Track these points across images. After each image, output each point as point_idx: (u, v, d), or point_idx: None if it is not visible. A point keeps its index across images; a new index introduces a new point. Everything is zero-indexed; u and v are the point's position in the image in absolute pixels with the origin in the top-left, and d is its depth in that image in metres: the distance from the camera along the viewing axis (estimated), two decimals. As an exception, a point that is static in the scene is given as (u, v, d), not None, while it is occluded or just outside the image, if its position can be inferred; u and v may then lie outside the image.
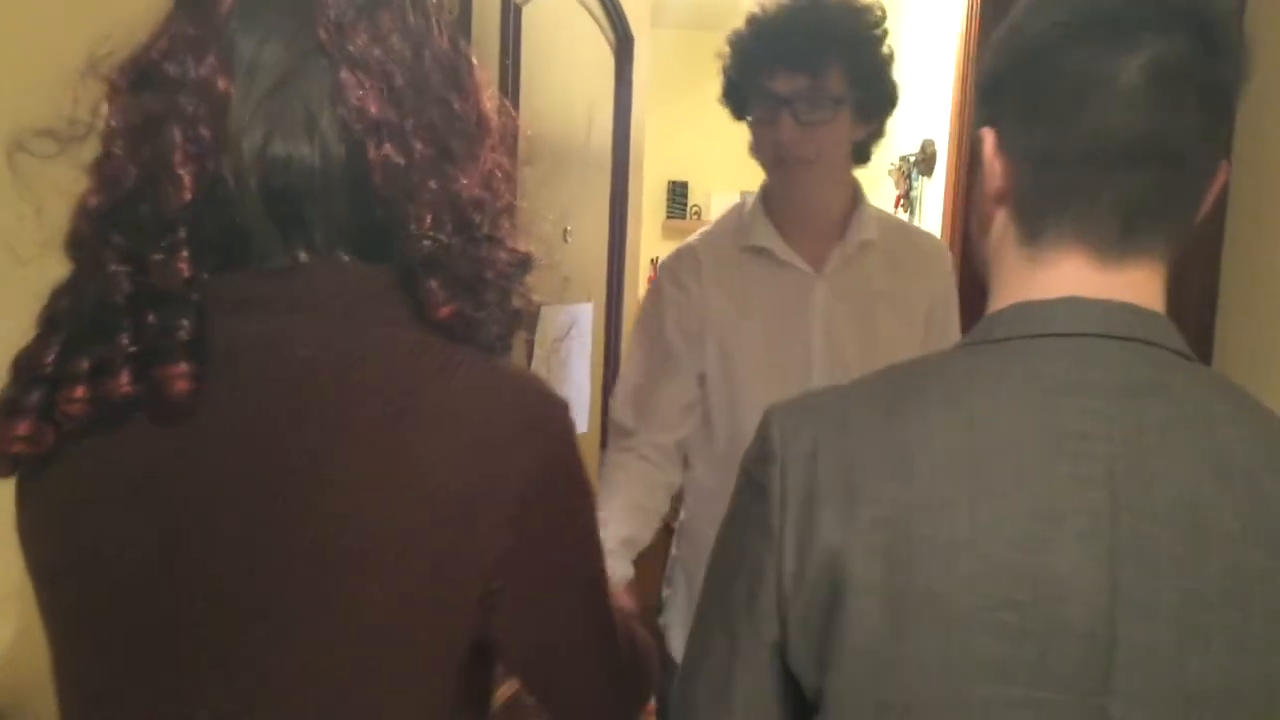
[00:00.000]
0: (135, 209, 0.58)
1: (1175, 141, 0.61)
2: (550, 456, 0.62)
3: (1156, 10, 0.60)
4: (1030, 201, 0.66)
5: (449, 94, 0.64)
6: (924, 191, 2.96)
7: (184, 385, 0.57)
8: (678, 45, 4.06)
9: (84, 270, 0.59)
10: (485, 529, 0.59)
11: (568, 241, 2.12)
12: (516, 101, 1.78)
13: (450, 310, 0.62)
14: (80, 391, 0.57)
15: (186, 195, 0.58)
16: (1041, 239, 0.65)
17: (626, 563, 1.34)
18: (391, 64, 0.61)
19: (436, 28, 0.65)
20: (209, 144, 0.58)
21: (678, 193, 4.98)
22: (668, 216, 4.95)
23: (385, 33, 0.62)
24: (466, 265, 0.63)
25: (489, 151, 0.66)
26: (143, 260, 0.58)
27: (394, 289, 0.62)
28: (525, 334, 1.63)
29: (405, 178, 0.61)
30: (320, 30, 0.60)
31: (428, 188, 0.61)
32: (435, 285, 0.61)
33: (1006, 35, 0.67)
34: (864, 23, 1.36)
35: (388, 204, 0.61)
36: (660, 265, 1.53)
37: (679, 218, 4.92)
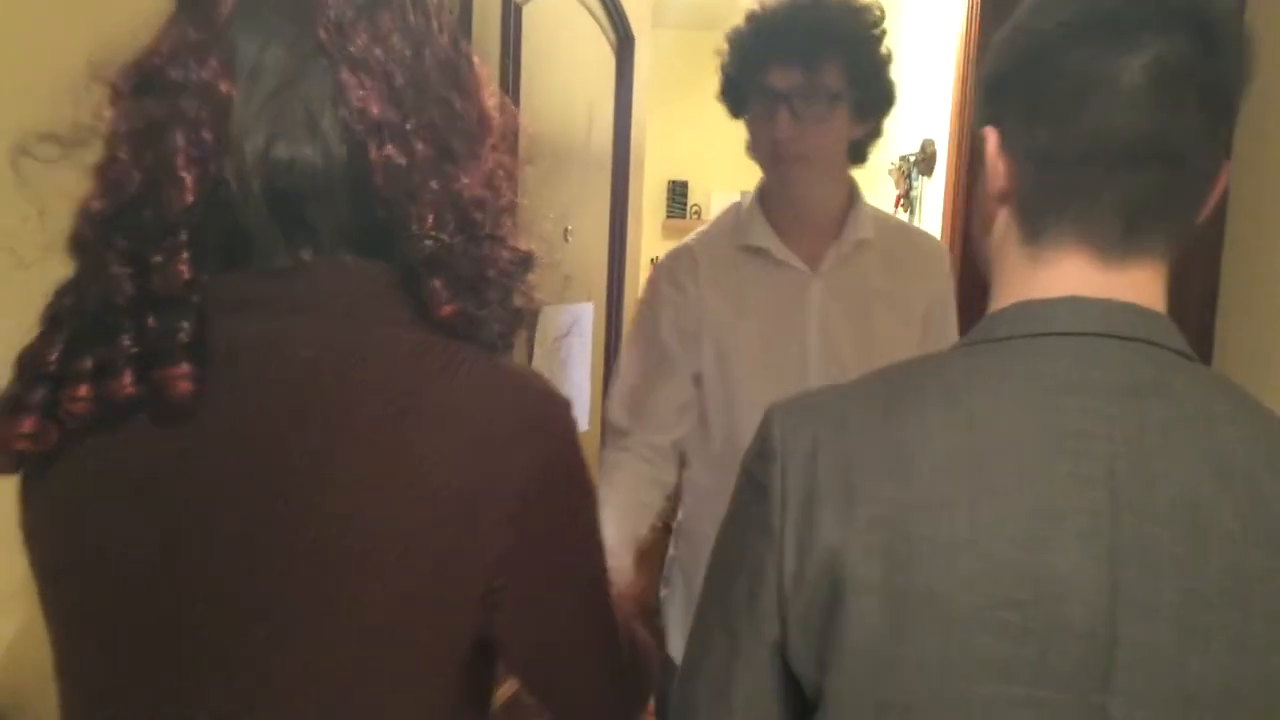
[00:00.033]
0: (138, 212, 0.58)
1: (1176, 141, 0.61)
2: (552, 455, 0.62)
3: (1157, 10, 0.60)
4: (1032, 201, 0.66)
5: (450, 93, 0.64)
6: (924, 191, 2.96)
7: (185, 386, 0.57)
8: (678, 45, 4.07)
9: (87, 271, 0.59)
10: (487, 527, 0.59)
11: (568, 241, 2.12)
12: (517, 101, 1.79)
13: (452, 309, 0.62)
14: (84, 390, 0.57)
15: (189, 198, 0.58)
16: (1043, 238, 0.65)
17: (627, 559, 1.34)
18: (392, 64, 0.61)
19: (437, 27, 0.65)
20: (211, 147, 0.58)
21: (678, 192, 4.98)
22: (668, 216, 4.95)
23: (385, 33, 0.62)
24: (468, 264, 0.63)
25: (490, 150, 0.66)
26: (145, 263, 0.58)
27: (396, 288, 0.62)
28: (525, 333, 1.63)
29: (407, 178, 0.61)
30: (320, 31, 0.60)
31: (429, 187, 0.61)
32: (438, 284, 0.61)
33: (1009, 35, 0.67)
34: (863, 22, 1.36)
35: (389, 204, 0.61)
36: (657, 265, 1.53)
37: (679, 217, 4.93)
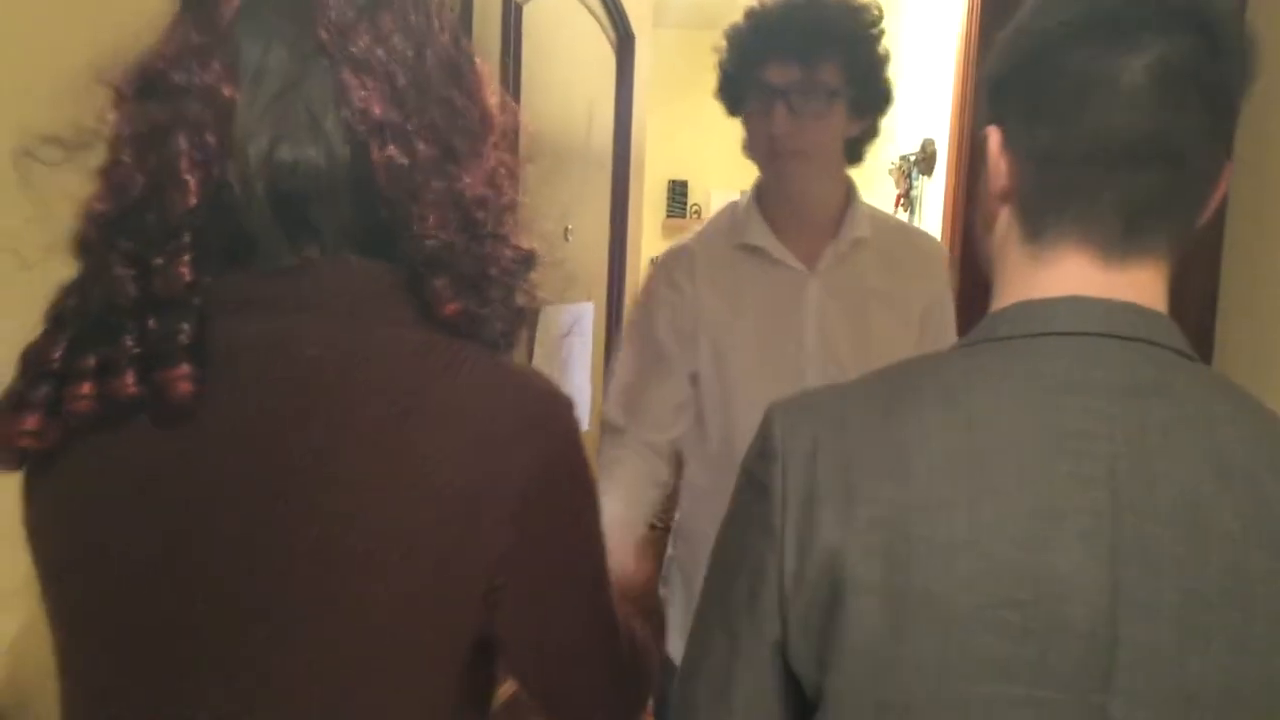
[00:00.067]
0: (141, 215, 0.58)
1: (1178, 141, 0.61)
2: (554, 454, 0.62)
3: (1159, 10, 0.60)
4: (1033, 200, 0.66)
5: (452, 92, 0.64)
6: (924, 191, 2.96)
7: (186, 388, 0.57)
8: (679, 44, 4.07)
9: (91, 273, 0.60)
10: (489, 526, 0.59)
11: (568, 240, 2.12)
12: (517, 100, 1.79)
13: (455, 308, 0.62)
14: (87, 388, 0.58)
15: (191, 200, 0.58)
16: (1044, 237, 0.65)
17: (627, 552, 1.32)
18: (394, 64, 0.61)
19: (438, 26, 0.65)
20: (214, 150, 0.59)
21: (678, 192, 4.98)
22: (668, 215, 4.95)
23: (387, 33, 0.62)
24: (471, 263, 0.63)
25: (492, 149, 0.66)
26: (148, 265, 0.58)
27: (399, 288, 0.62)
28: (525, 332, 1.63)
29: (409, 178, 0.61)
30: (322, 32, 0.60)
31: (432, 187, 0.61)
32: (441, 283, 0.61)
33: (1012, 35, 0.67)
34: (861, 20, 1.36)
35: (392, 204, 0.61)
36: (654, 265, 1.53)
37: (679, 216, 4.93)
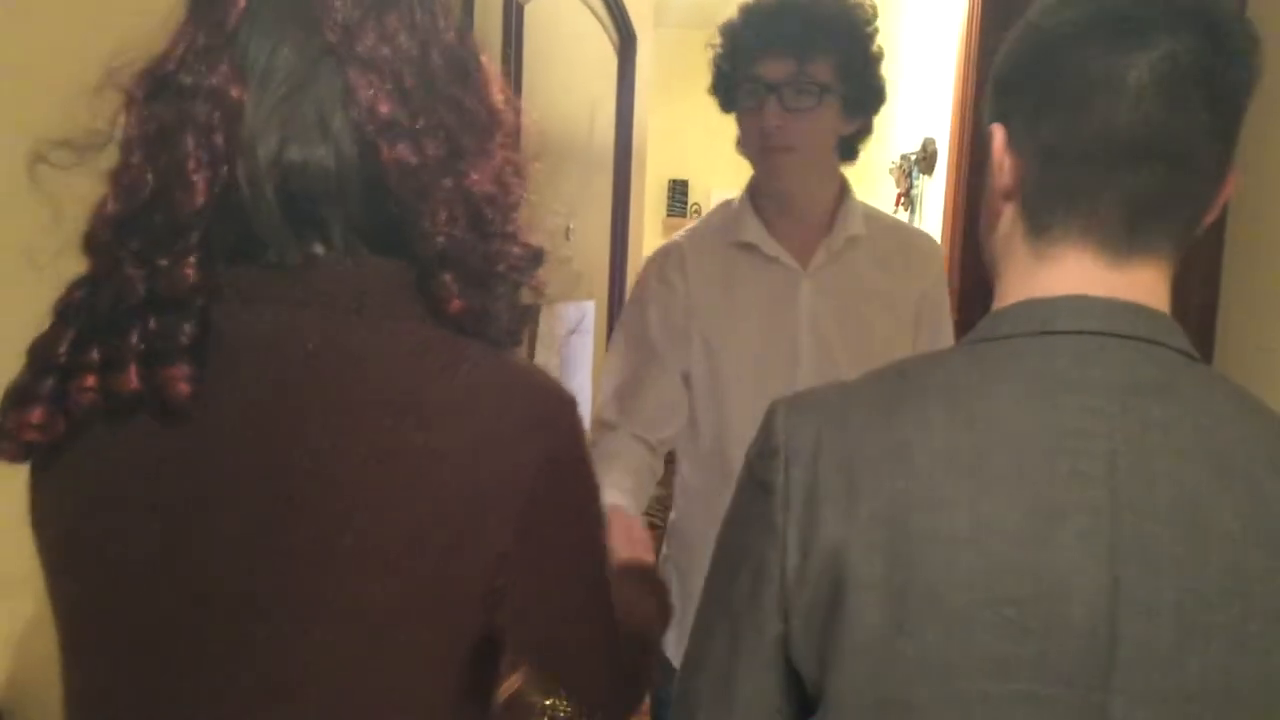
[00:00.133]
0: (150, 216, 0.58)
1: (1181, 140, 0.61)
2: (558, 452, 0.62)
3: (1165, 10, 0.60)
4: (1037, 198, 0.66)
5: (459, 90, 0.64)
6: (925, 190, 2.96)
7: (183, 388, 0.57)
8: (680, 44, 4.07)
9: (101, 272, 0.60)
10: (491, 525, 0.59)
11: (569, 239, 2.12)
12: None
13: (461, 305, 0.62)
14: (90, 381, 0.58)
15: (199, 201, 0.58)
16: (1048, 235, 0.65)
17: (637, 509, 1.31)
18: (400, 63, 0.61)
19: (444, 24, 0.65)
20: (222, 151, 0.59)
21: (678, 191, 4.99)
22: (668, 214, 4.96)
23: (393, 32, 0.62)
24: (479, 260, 0.63)
25: (500, 147, 0.66)
26: (155, 265, 0.58)
27: (407, 284, 0.62)
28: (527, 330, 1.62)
29: (419, 176, 0.61)
30: (328, 32, 0.60)
31: (441, 186, 0.62)
32: (448, 280, 0.62)
33: (1019, 33, 0.67)
34: (854, 17, 1.36)
35: (401, 203, 0.61)
36: (646, 262, 1.52)
37: (679, 215, 4.93)
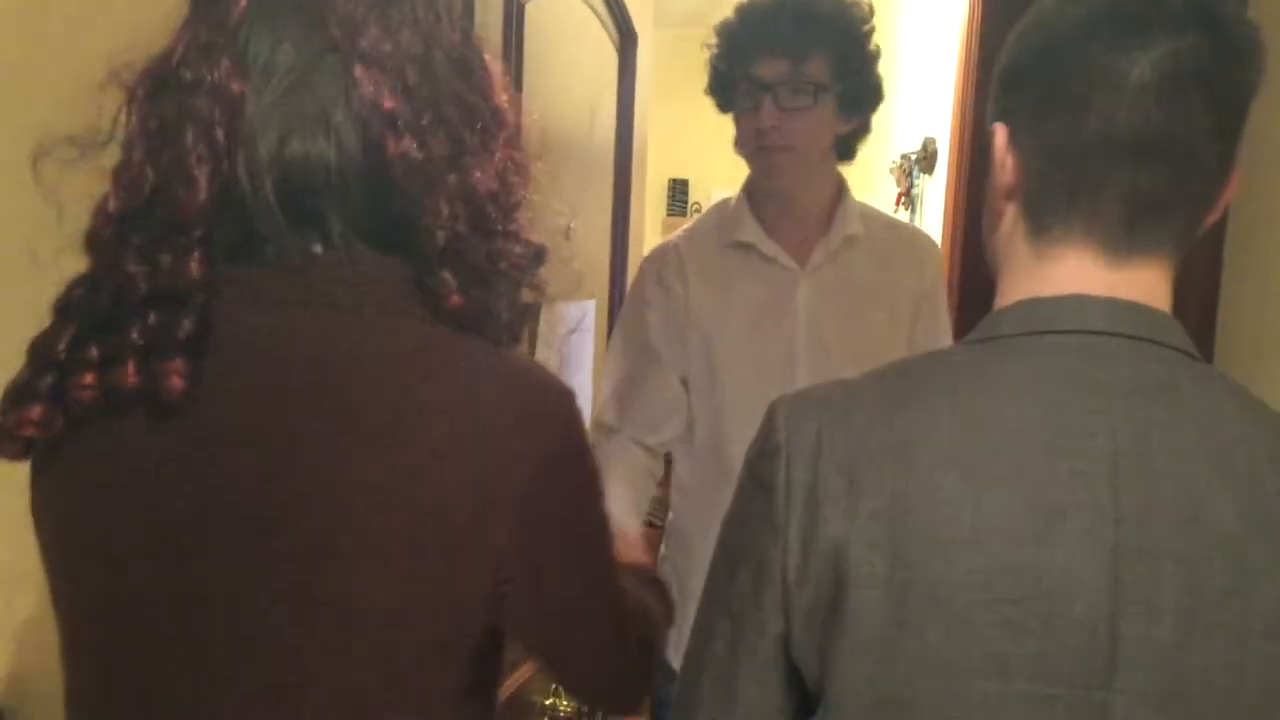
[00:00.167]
0: (152, 212, 0.59)
1: (1183, 140, 0.61)
2: (559, 446, 0.63)
3: (1167, 9, 0.61)
4: (1038, 197, 0.66)
5: (462, 88, 0.64)
6: (925, 189, 2.96)
7: (178, 382, 0.57)
8: (680, 44, 4.06)
9: (102, 269, 0.60)
10: (494, 520, 0.59)
11: (569, 239, 2.12)
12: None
13: (460, 301, 0.62)
14: (89, 378, 0.58)
15: (201, 196, 0.58)
16: (1049, 235, 0.65)
17: (633, 523, 1.32)
18: (403, 59, 0.62)
19: (447, 23, 0.65)
20: (224, 146, 0.59)
21: (678, 190, 4.99)
22: (668, 214, 4.96)
23: (395, 28, 0.62)
24: (480, 257, 0.63)
25: (502, 146, 0.66)
26: (157, 260, 0.58)
27: (407, 281, 0.62)
28: (528, 329, 1.63)
29: (424, 172, 0.61)
30: (331, 28, 0.61)
31: (444, 181, 0.62)
32: (448, 276, 0.62)
33: (1023, 31, 0.67)
34: (850, 16, 1.36)
35: (406, 197, 0.61)
36: (642, 263, 1.52)
37: (679, 215, 4.94)
